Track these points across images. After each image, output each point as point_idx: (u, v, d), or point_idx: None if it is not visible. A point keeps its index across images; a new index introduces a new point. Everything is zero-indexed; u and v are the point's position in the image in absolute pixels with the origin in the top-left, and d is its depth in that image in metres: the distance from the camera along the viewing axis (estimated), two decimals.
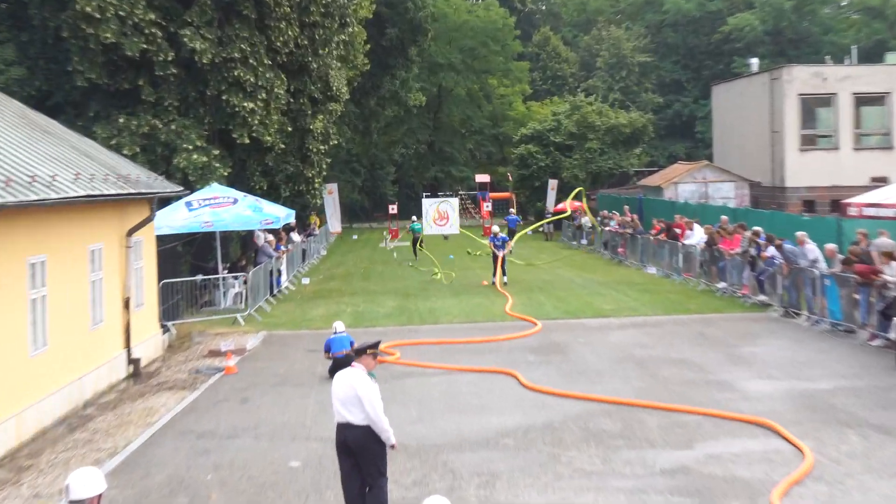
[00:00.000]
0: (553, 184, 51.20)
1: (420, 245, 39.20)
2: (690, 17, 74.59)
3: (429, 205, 47.96)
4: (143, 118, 24.35)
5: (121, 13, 23.35)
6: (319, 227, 43.02)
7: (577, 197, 33.91)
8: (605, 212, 37.70)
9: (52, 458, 11.06)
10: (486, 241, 32.32)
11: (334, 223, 47.08)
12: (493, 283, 26.80)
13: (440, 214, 47.43)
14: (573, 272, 30.66)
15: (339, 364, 13.54)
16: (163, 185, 18.37)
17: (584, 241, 40.17)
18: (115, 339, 15.71)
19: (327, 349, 14.51)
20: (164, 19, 24.45)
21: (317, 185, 30.65)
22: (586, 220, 40.09)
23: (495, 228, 28.48)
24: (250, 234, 27.93)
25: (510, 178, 60.82)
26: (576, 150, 52.34)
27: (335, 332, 14.63)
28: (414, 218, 41.38)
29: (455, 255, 37.08)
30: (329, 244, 45.54)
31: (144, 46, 23.77)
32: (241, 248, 31.19)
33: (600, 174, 51.61)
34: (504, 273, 27.25)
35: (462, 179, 71.12)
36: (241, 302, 22.94)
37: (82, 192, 13.14)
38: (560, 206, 47.89)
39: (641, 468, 9.97)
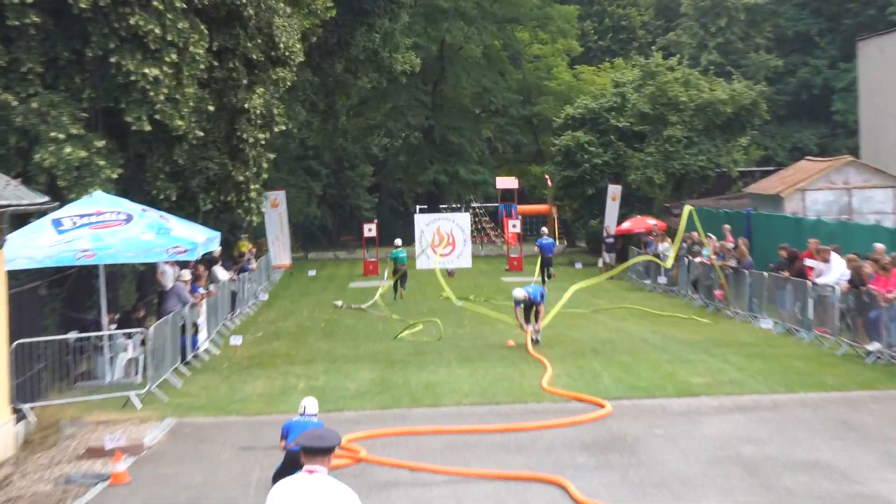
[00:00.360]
0: (614, 191, 51.34)
1: (399, 285, 39.05)
2: None
3: (425, 224, 48.03)
4: None
5: None
6: (258, 257, 43.03)
7: (689, 221, 33.47)
8: (694, 234, 37.68)
9: None
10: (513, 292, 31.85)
11: (281, 252, 47.15)
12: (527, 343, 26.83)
13: (442, 238, 47.34)
14: (646, 326, 30.75)
15: (294, 462, 12.48)
16: (18, 195, 18.30)
17: (661, 280, 40.18)
18: None
19: (285, 435, 13.90)
20: None
21: (253, 194, 30.69)
22: (665, 247, 40.05)
23: (518, 293, 27.23)
24: (152, 269, 27.66)
25: (549, 182, 61.06)
26: (650, 140, 52.56)
27: (303, 413, 14.04)
28: (398, 242, 41.35)
29: (465, 301, 36.95)
30: (272, 284, 45.63)
31: None
32: (137, 291, 31.05)
33: (687, 177, 51.80)
34: (537, 327, 27.35)
35: (476, 185, 71.55)
36: (136, 373, 22.77)
37: None
38: (625, 225, 47.90)
39: None
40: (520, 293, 27.39)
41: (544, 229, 48.90)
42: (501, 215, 61.18)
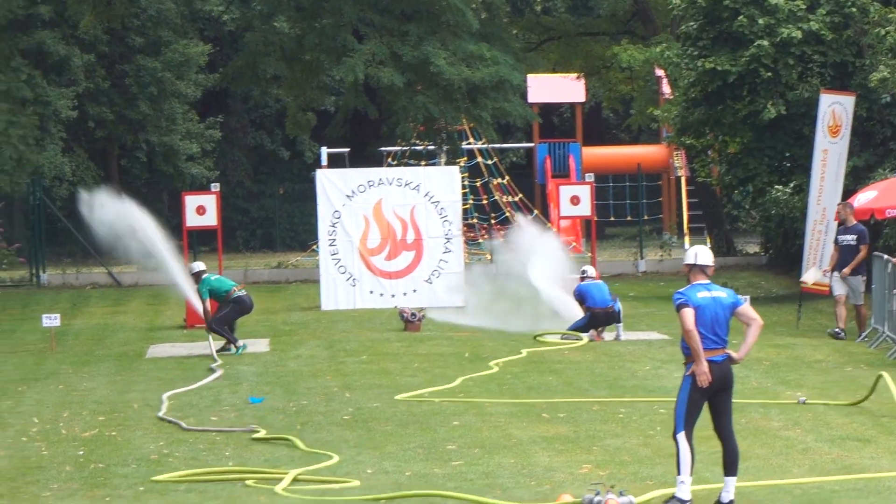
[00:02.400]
0: (835, 108, 23.13)
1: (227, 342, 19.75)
2: None
3: (345, 193, 24.36)
4: None
5: None
6: None
7: None
8: None
9: None
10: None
11: None
12: None
13: (388, 230, 24.46)
14: None
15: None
16: None
17: None
18: None
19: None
20: None
21: None
22: None
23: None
24: None
25: (667, 88, 33.10)
26: None
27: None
28: (197, 266, 20.89)
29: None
30: None
31: None
32: None
33: None
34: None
35: (476, 93, 32.14)
36: None
37: None
38: (867, 197, 21.78)
39: None
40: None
41: (588, 269, 21.59)
42: (543, 172, 33.90)
